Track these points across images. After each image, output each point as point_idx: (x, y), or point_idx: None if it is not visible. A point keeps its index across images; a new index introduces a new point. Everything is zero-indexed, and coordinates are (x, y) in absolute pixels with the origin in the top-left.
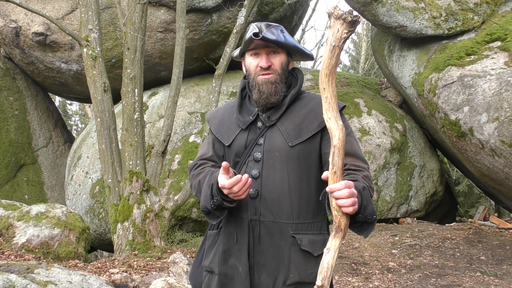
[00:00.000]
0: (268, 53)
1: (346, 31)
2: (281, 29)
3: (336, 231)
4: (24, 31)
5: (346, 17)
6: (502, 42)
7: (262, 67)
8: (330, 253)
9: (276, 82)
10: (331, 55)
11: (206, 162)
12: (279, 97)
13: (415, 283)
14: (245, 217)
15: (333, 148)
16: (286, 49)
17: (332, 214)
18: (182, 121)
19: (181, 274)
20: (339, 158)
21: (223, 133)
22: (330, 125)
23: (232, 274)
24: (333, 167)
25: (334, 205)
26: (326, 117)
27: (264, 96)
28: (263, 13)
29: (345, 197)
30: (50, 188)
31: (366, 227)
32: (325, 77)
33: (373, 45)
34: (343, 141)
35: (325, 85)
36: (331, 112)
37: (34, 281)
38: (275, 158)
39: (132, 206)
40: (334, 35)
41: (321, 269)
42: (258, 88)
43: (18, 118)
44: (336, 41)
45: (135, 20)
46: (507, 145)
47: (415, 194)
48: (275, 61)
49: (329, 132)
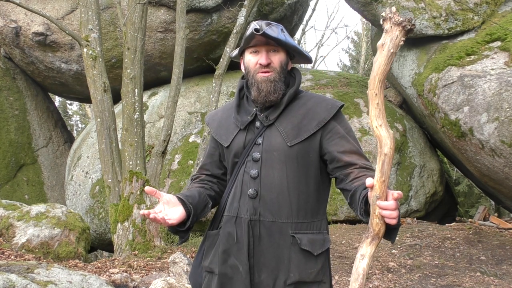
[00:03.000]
0: (268, 51)
1: (404, 38)
2: (281, 28)
3: (373, 238)
4: (24, 31)
5: (406, 25)
6: (502, 42)
7: (261, 64)
8: (365, 259)
9: (275, 80)
10: (388, 61)
11: (202, 174)
12: (278, 96)
13: (415, 283)
14: (245, 217)
15: (383, 157)
16: (285, 48)
17: (372, 221)
18: (182, 121)
19: (181, 274)
20: (388, 167)
21: (222, 134)
22: (381, 133)
23: (232, 274)
24: (382, 175)
25: (377, 214)
26: (376, 124)
27: (263, 94)
28: (263, 13)
29: (392, 209)
30: (50, 188)
31: (395, 232)
32: (379, 83)
33: (373, 45)
34: (393, 150)
35: (377, 91)
36: (382, 119)
37: (34, 281)
38: (273, 158)
39: (132, 206)
40: (392, 41)
41: (357, 275)
42: (257, 86)
43: (18, 118)
44: (394, 47)
45: (135, 20)
46: (507, 145)
47: (415, 194)
48: (275, 59)
49: (378, 140)
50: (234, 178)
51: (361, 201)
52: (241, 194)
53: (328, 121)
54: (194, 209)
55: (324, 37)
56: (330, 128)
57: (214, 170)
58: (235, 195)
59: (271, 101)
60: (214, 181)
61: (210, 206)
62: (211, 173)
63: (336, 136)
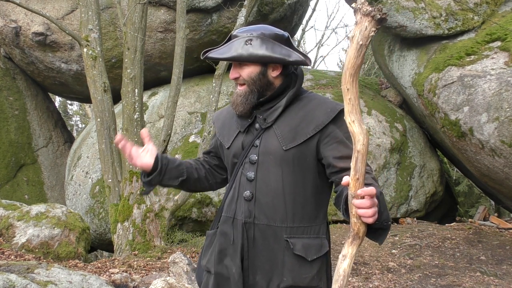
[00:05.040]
0: (237, 65)
1: (374, 29)
2: (250, 38)
3: (353, 238)
4: (24, 31)
5: (375, 15)
6: (502, 42)
7: (230, 78)
8: (346, 260)
9: (245, 93)
10: (357, 54)
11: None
12: (244, 107)
13: (415, 283)
14: (240, 219)
15: (356, 154)
16: (249, 61)
17: (351, 221)
18: (182, 121)
19: (181, 274)
20: (362, 164)
21: (224, 135)
22: (354, 129)
23: (228, 274)
24: (355, 173)
25: (353, 213)
26: (349, 120)
27: (233, 106)
28: (263, 13)
29: (366, 207)
30: (50, 188)
31: (381, 233)
32: (350, 77)
33: (373, 45)
34: (367, 146)
35: (349, 85)
36: (355, 115)
37: (34, 281)
38: (269, 161)
39: (132, 206)
40: (361, 33)
41: (337, 277)
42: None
43: (18, 118)
44: (364, 39)
45: (135, 20)
46: (507, 145)
47: (415, 194)
48: (243, 73)
49: (352, 136)
50: (233, 179)
51: (343, 201)
52: (238, 195)
53: (327, 125)
54: (163, 169)
55: (324, 37)
56: (328, 132)
57: (210, 160)
58: (233, 196)
59: (240, 112)
60: (207, 167)
61: (181, 180)
62: (207, 160)
63: (334, 141)
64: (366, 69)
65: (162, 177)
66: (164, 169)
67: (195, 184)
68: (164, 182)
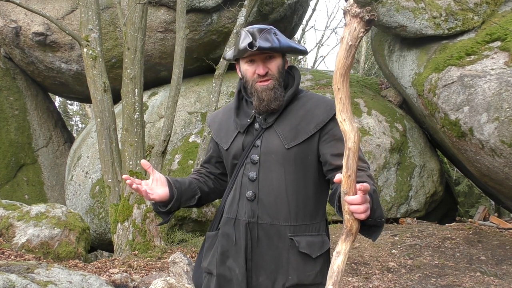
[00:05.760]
0: (263, 59)
1: (363, 29)
2: (274, 31)
3: (347, 235)
4: (24, 31)
5: (364, 16)
6: (502, 42)
7: (259, 74)
8: (340, 257)
9: (275, 88)
10: (347, 55)
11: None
12: (279, 103)
13: (415, 283)
14: (243, 219)
15: (348, 151)
16: (281, 53)
17: (344, 218)
18: (182, 121)
19: (181, 274)
20: (353, 161)
21: (222, 137)
22: (345, 127)
23: (230, 276)
24: (347, 170)
25: (346, 209)
26: (340, 119)
27: (264, 103)
28: (263, 13)
29: (358, 203)
30: (50, 188)
31: (375, 230)
32: (340, 77)
33: (373, 45)
34: (358, 144)
35: (339, 85)
36: (346, 113)
37: (34, 281)
38: (271, 160)
39: (132, 206)
40: (350, 34)
41: (331, 273)
42: (258, 95)
43: (18, 118)
44: (353, 40)
45: (135, 20)
46: (507, 145)
47: (415, 194)
48: (272, 66)
49: (343, 134)
50: (234, 180)
51: (336, 198)
52: (240, 196)
53: (327, 122)
54: (179, 194)
55: (324, 37)
56: (327, 129)
57: (212, 169)
58: (234, 197)
59: (273, 109)
60: (212, 177)
61: (197, 197)
62: (209, 171)
63: (332, 138)
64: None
65: (179, 202)
66: (180, 194)
67: (207, 197)
68: (182, 205)
